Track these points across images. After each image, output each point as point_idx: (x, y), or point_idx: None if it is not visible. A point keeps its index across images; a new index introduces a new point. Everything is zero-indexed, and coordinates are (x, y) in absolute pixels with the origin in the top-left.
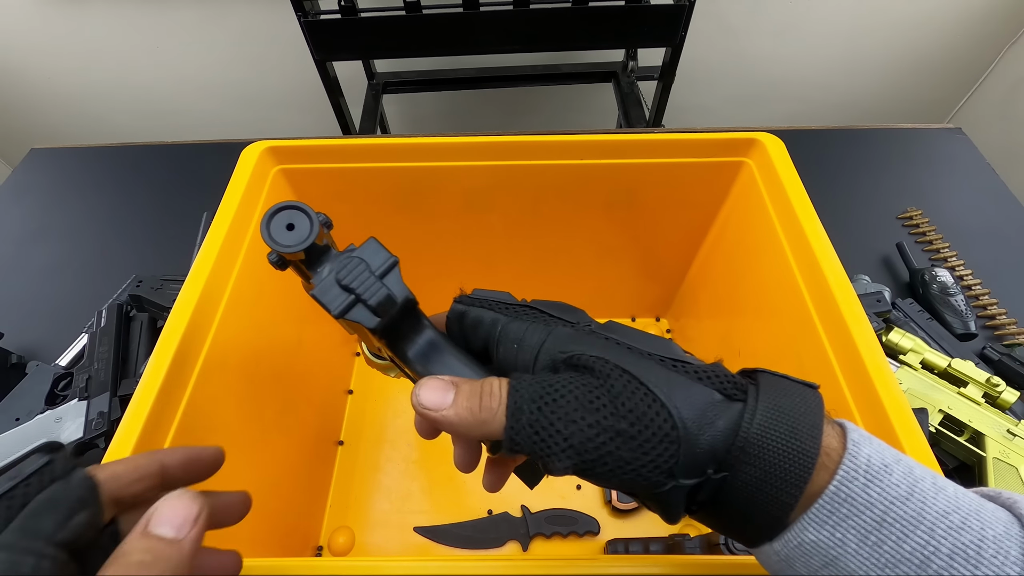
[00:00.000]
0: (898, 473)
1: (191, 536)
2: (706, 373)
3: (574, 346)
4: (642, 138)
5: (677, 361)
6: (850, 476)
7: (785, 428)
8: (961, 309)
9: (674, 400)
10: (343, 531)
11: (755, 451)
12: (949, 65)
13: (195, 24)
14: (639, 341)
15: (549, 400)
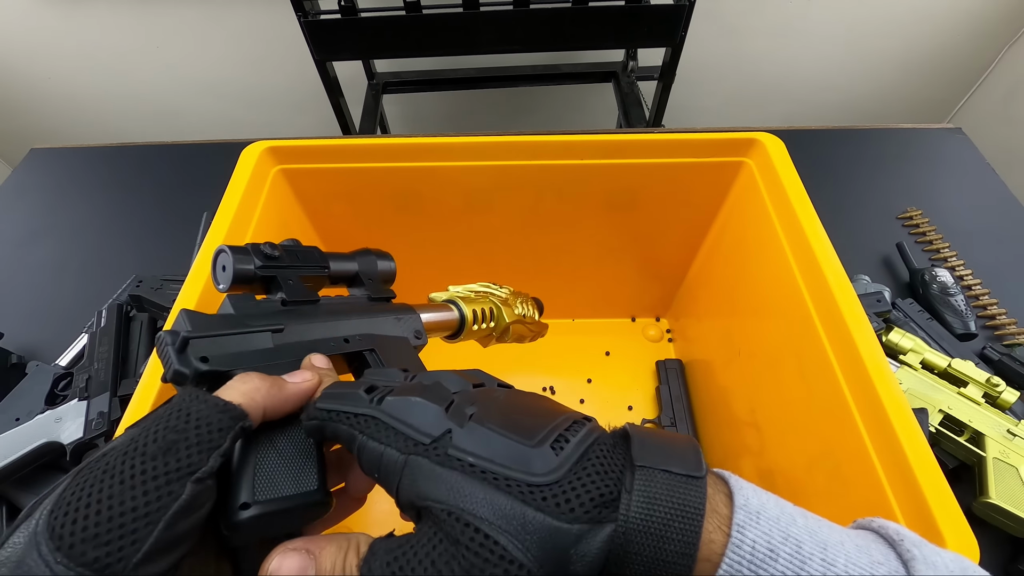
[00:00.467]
0: (784, 556)
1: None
2: (572, 494)
3: (427, 489)
4: (642, 138)
5: (535, 487)
6: (735, 568)
7: (655, 545)
8: (961, 309)
9: (530, 551)
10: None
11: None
12: (949, 65)
13: (195, 24)
14: (499, 453)
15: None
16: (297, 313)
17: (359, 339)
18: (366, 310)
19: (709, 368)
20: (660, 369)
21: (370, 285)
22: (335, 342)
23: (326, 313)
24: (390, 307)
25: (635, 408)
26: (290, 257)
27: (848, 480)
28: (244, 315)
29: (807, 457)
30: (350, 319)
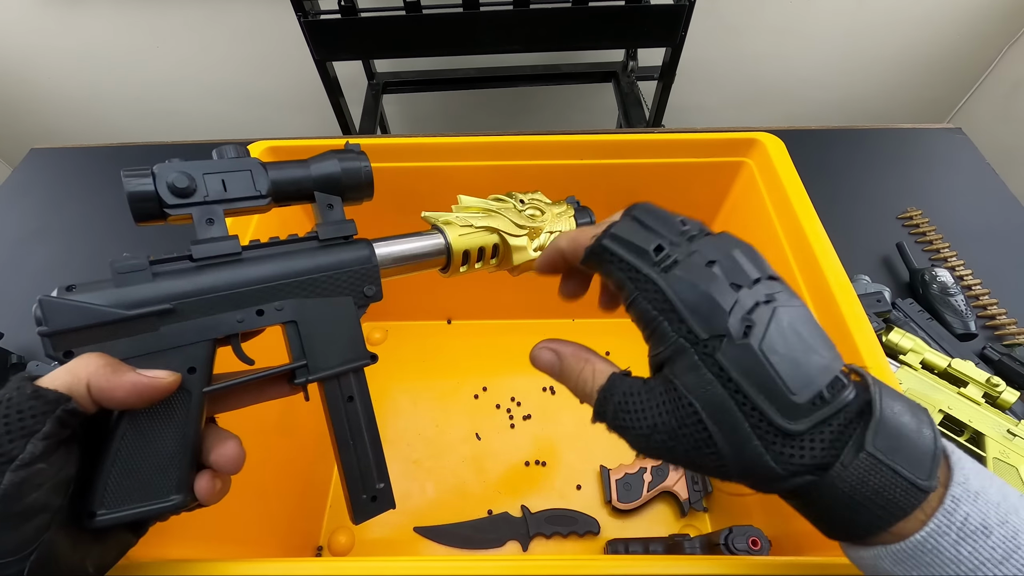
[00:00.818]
0: (998, 536)
1: None
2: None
3: (680, 371)
4: (642, 138)
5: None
6: (941, 531)
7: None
8: (961, 309)
9: (738, 463)
10: (343, 531)
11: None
12: (949, 65)
13: (195, 24)
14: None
15: (625, 410)
16: (202, 277)
17: (277, 310)
18: (299, 265)
19: None
20: None
21: (327, 213)
22: (244, 316)
23: (241, 272)
24: (334, 253)
25: None
26: (212, 185)
27: None
28: (126, 291)
29: None
30: (271, 283)
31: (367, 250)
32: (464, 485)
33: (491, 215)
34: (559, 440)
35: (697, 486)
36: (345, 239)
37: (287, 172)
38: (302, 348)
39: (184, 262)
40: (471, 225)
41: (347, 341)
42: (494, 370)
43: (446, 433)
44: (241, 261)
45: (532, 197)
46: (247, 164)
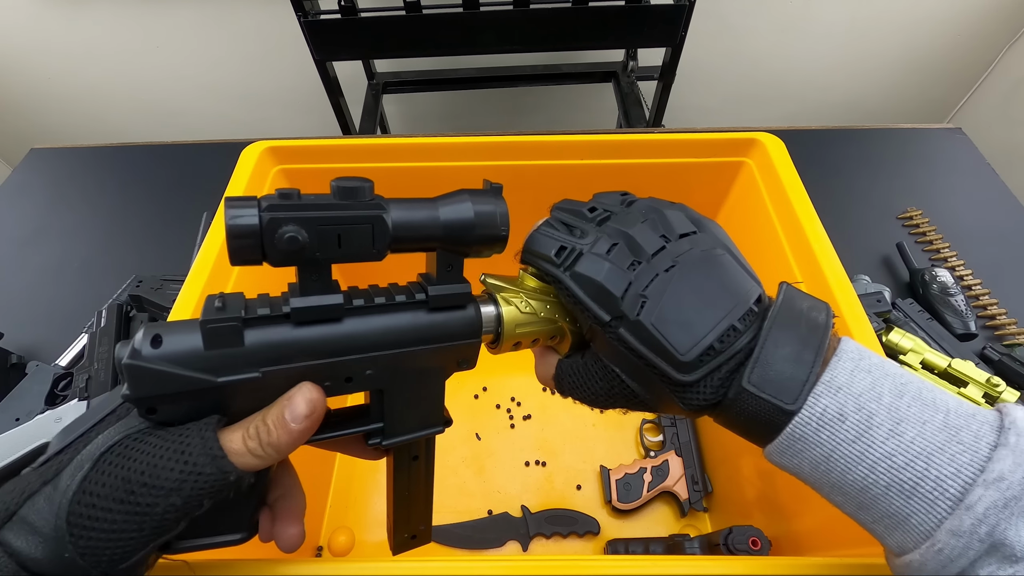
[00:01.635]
0: (852, 421)
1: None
2: (693, 393)
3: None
4: (642, 138)
5: (670, 379)
6: (803, 421)
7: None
8: (961, 309)
9: (653, 405)
10: (343, 531)
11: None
12: (949, 65)
13: (195, 24)
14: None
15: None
16: (297, 340)
17: (367, 376)
18: (398, 334)
19: None
20: None
21: (444, 273)
22: (332, 383)
23: (336, 338)
24: (442, 323)
25: None
26: (326, 239)
27: None
28: (215, 354)
29: None
30: (368, 352)
31: (475, 318)
32: (464, 485)
33: (557, 302)
34: (559, 440)
35: (697, 486)
36: (457, 305)
37: (412, 220)
38: (382, 413)
39: (279, 319)
40: (535, 313)
41: (429, 410)
42: (494, 370)
43: (446, 433)
44: (338, 322)
45: None
46: (369, 216)
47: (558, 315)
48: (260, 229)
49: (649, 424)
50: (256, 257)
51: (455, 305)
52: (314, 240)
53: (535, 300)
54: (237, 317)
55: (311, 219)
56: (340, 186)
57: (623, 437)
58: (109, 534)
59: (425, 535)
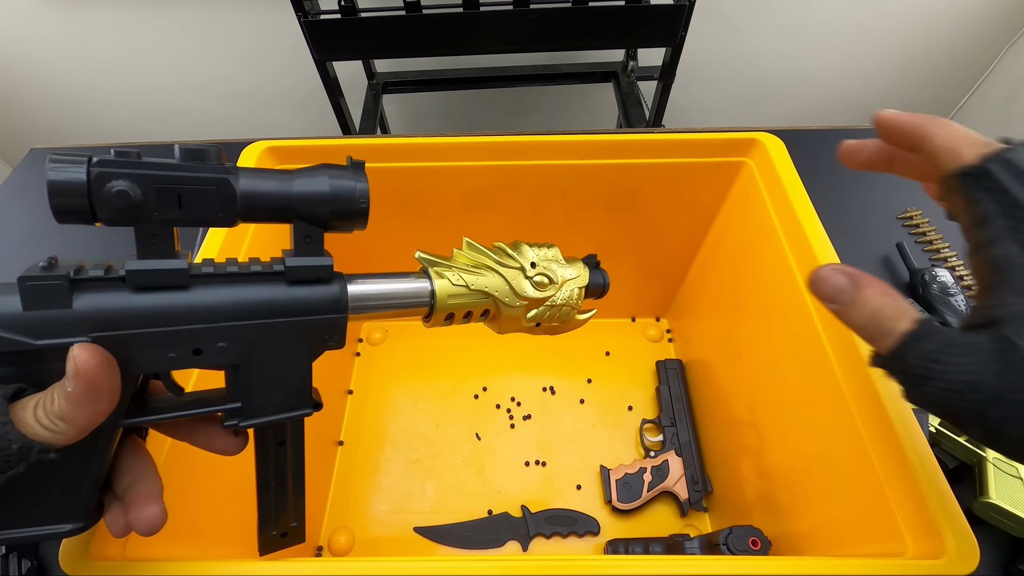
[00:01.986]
0: None
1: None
2: None
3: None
4: (642, 138)
5: None
6: None
7: None
8: (961, 309)
9: None
10: (343, 531)
11: None
12: (949, 65)
13: (195, 24)
14: None
15: (938, 360)
16: (134, 306)
17: (219, 352)
18: (252, 303)
19: (709, 368)
20: (660, 369)
21: (301, 246)
22: (178, 354)
23: (181, 304)
24: (300, 296)
25: (635, 408)
26: (166, 200)
27: (848, 480)
28: (37, 315)
29: (807, 457)
30: (218, 323)
31: (339, 294)
32: (464, 485)
33: (492, 275)
34: (559, 440)
35: (697, 486)
36: (318, 279)
37: (263, 189)
38: (238, 391)
39: (116, 283)
40: (466, 286)
41: (292, 389)
42: (494, 370)
43: (446, 433)
44: (185, 289)
45: (546, 257)
46: (214, 178)
47: (488, 288)
48: (88, 184)
49: (649, 424)
50: (85, 214)
51: (316, 279)
52: (151, 199)
53: (467, 274)
54: (63, 276)
55: (147, 176)
56: (184, 148)
57: (623, 437)
58: None
59: (297, 533)
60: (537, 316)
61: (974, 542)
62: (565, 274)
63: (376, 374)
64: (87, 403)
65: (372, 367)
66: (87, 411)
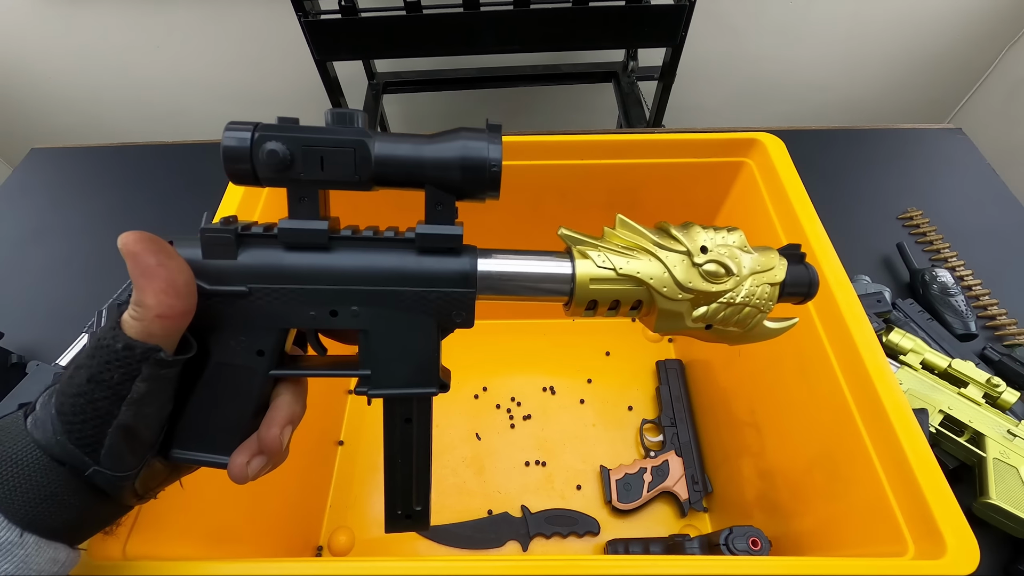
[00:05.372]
0: None
1: None
2: None
3: None
4: (642, 138)
5: None
6: None
7: None
8: (961, 309)
9: None
10: (343, 531)
11: None
12: (949, 65)
13: (195, 24)
14: None
15: None
16: (282, 262)
17: (353, 315)
18: (384, 269)
19: (709, 368)
20: (660, 369)
21: (433, 213)
22: (317, 313)
23: (321, 265)
24: (429, 266)
25: (635, 408)
26: (310, 161)
27: (848, 480)
28: (209, 263)
29: (807, 457)
30: (351, 285)
31: (468, 268)
32: (464, 485)
33: (648, 258)
34: (559, 440)
35: (697, 486)
36: (449, 250)
37: (397, 153)
38: (369, 359)
39: (272, 239)
40: (613, 269)
41: (419, 364)
42: (494, 370)
43: (446, 433)
44: (326, 251)
45: (725, 242)
46: (351, 140)
47: (641, 274)
48: (250, 147)
49: (649, 424)
50: (248, 176)
51: (447, 249)
52: (298, 159)
53: (616, 255)
54: (231, 231)
55: (294, 138)
56: (334, 112)
57: (623, 437)
58: (81, 415)
59: (422, 518)
60: (708, 316)
61: (974, 542)
62: (751, 264)
63: None
64: (146, 281)
65: None
66: (148, 290)
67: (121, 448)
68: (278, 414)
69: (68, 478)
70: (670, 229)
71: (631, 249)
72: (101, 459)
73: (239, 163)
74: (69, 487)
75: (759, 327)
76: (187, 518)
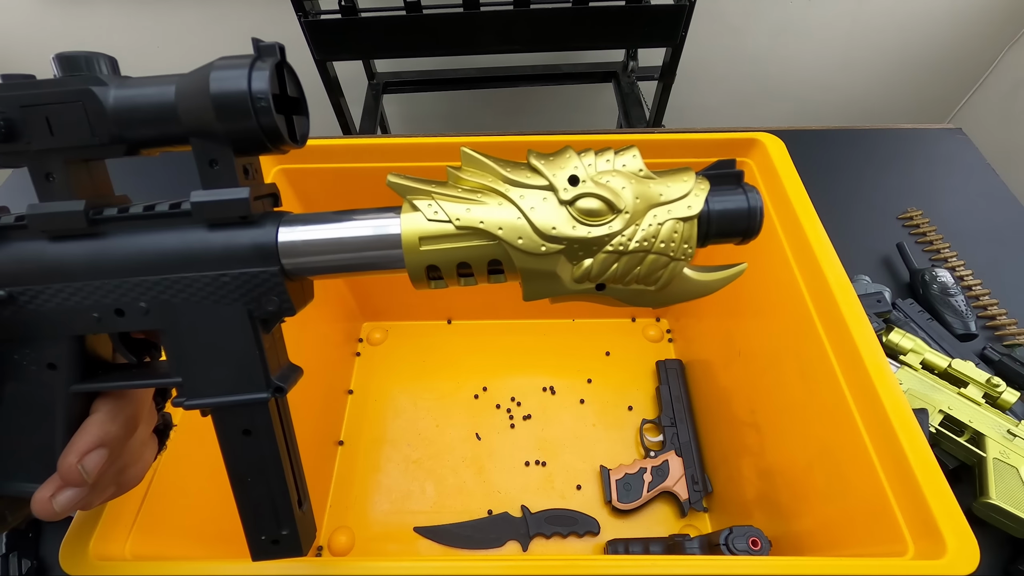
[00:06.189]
0: None
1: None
2: None
3: None
4: (642, 138)
5: None
6: None
7: None
8: (961, 309)
9: None
10: (343, 531)
11: None
12: (949, 65)
13: (195, 24)
14: None
15: None
16: (40, 256)
17: (142, 313)
18: (165, 252)
19: (709, 368)
20: (660, 369)
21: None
22: (102, 314)
23: (90, 255)
24: (219, 241)
25: (635, 408)
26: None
27: (848, 480)
28: None
29: (807, 457)
30: (128, 276)
31: (266, 240)
32: (464, 485)
33: (500, 201)
34: (559, 440)
35: (697, 486)
36: (241, 219)
37: (137, 101)
38: (177, 363)
39: (25, 230)
40: (448, 221)
41: (237, 365)
42: (494, 370)
43: (446, 433)
44: (95, 237)
45: (606, 167)
46: (76, 90)
47: (487, 224)
48: None
49: (649, 424)
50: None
51: (238, 220)
52: (19, 125)
53: (453, 203)
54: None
55: (7, 97)
56: (61, 56)
57: (623, 437)
58: None
59: (291, 543)
60: (595, 272)
61: (974, 542)
62: (648, 195)
63: (376, 374)
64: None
65: (372, 367)
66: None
67: None
68: (81, 439)
69: None
70: (531, 159)
71: (476, 192)
72: None
73: None
74: None
75: (679, 280)
76: (187, 518)
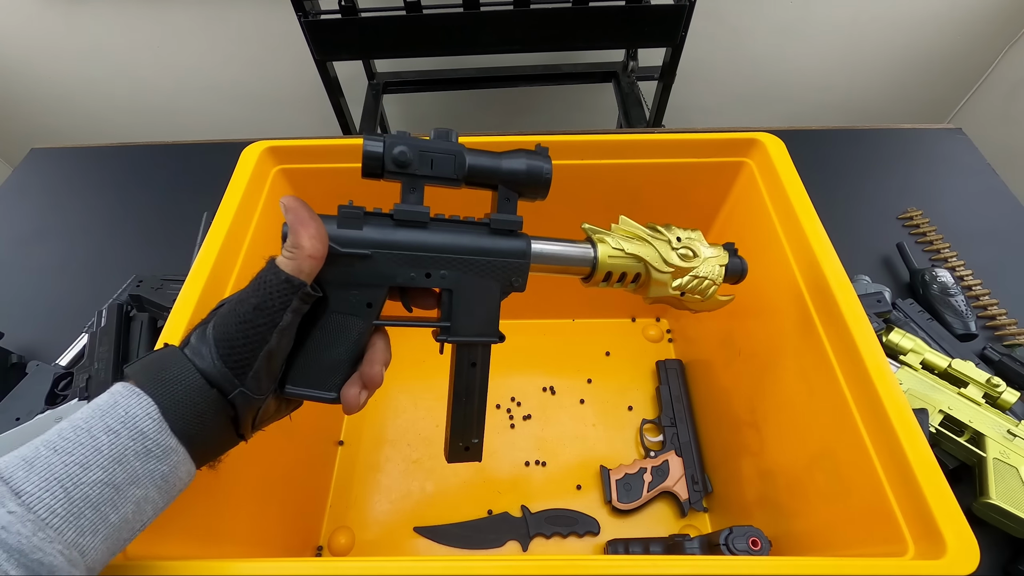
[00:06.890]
0: None
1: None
2: None
3: None
4: (643, 138)
5: None
6: None
7: None
8: (961, 309)
9: None
10: (343, 531)
11: None
12: (949, 65)
13: (196, 24)
14: None
15: None
16: (396, 235)
17: (442, 277)
18: (467, 244)
19: (709, 368)
20: (660, 369)
21: (503, 205)
22: (416, 274)
23: (423, 239)
24: (498, 242)
25: (635, 408)
26: (423, 162)
27: (848, 480)
28: (343, 233)
29: (807, 457)
30: (443, 253)
31: (524, 245)
32: (464, 485)
33: (645, 244)
34: (559, 440)
35: (697, 486)
36: (511, 232)
37: (482, 162)
38: (450, 313)
39: (387, 219)
40: (622, 250)
41: (486, 318)
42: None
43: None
44: (426, 227)
45: (690, 237)
46: (453, 149)
47: (640, 254)
48: (383, 151)
49: (649, 424)
50: (377, 171)
51: (510, 231)
52: (415, 160)
53: (624, 241)
54: (360, 209)
55: (414, 145)
56: (437, 130)
57: (623, 437)
58: (242, 340)
59: (476, 450)
60: (682, 286)
61: (974, 542)
62: (707, 252)
63: None
64: (303, 228)
65: None
66: (304, 234)
67: (262, 372)
68: (378, 355)
69: (216, 399)
70: (656, 226)
71: (632, 237)
72: (247, 382)
73: (374, 161)
74: (214, 407)
75: (713, 298)
76: (187, 518)
